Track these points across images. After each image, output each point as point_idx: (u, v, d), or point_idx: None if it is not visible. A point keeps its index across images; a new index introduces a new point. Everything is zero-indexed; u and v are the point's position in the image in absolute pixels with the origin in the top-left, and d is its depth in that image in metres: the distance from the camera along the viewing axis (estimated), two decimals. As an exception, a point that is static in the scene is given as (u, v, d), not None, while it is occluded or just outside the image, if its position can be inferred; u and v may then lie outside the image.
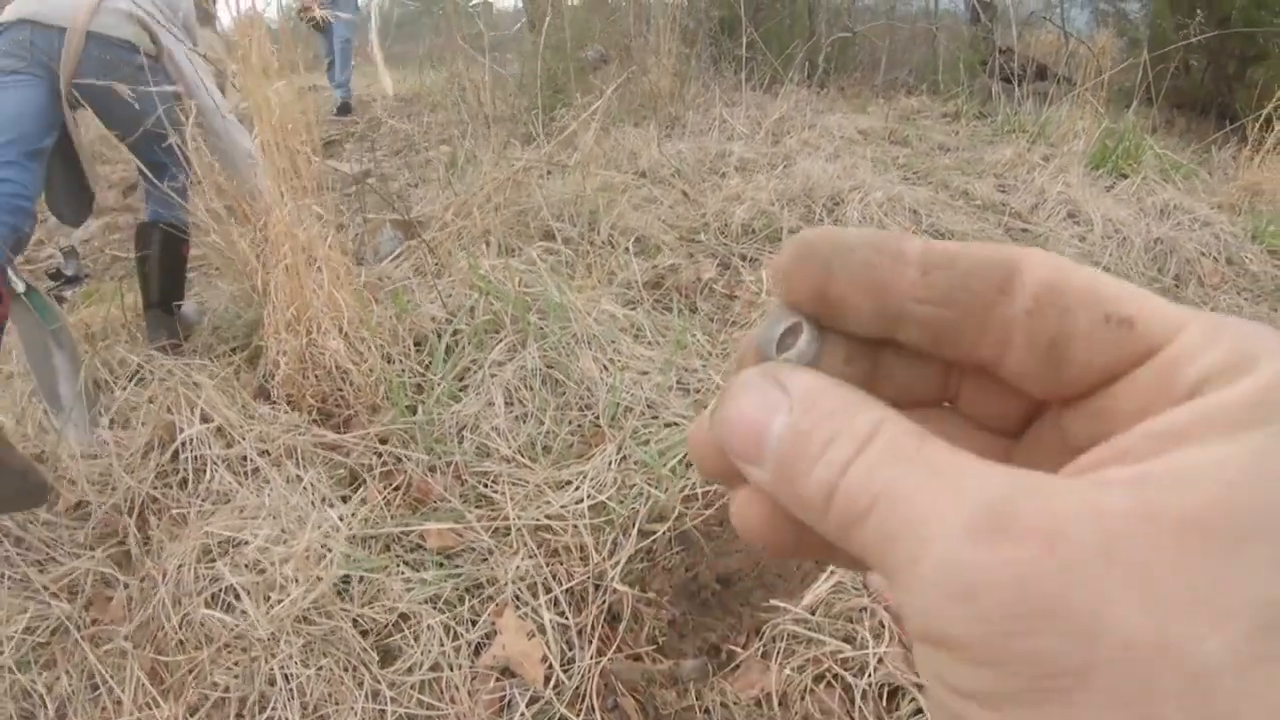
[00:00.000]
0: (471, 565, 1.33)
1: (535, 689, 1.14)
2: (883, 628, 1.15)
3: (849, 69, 5.44)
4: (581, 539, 1.34)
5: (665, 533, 1.37)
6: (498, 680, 1.16)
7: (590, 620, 1.23)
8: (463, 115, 3.27)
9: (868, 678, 1.09)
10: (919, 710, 1.06)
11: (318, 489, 1.47)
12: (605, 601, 1.26)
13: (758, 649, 1.18)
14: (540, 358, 1.73)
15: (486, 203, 2.31)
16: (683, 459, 1.50)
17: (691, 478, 1.47)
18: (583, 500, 1.41)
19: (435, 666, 1.18)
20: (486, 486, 1.49)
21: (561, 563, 1.31)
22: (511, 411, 1.65)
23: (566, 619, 1.23)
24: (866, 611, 1.17)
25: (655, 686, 1.16)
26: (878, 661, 1.10)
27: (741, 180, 2.95)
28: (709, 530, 1.41)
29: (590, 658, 1.18)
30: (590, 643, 1.20)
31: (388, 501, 1.46)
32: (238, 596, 1.25)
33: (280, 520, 1.38)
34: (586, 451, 1.56)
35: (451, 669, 1.17)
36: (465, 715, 1.12)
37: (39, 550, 1.41)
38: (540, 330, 1.79)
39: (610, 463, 1.49)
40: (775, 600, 1.23)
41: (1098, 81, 3.85)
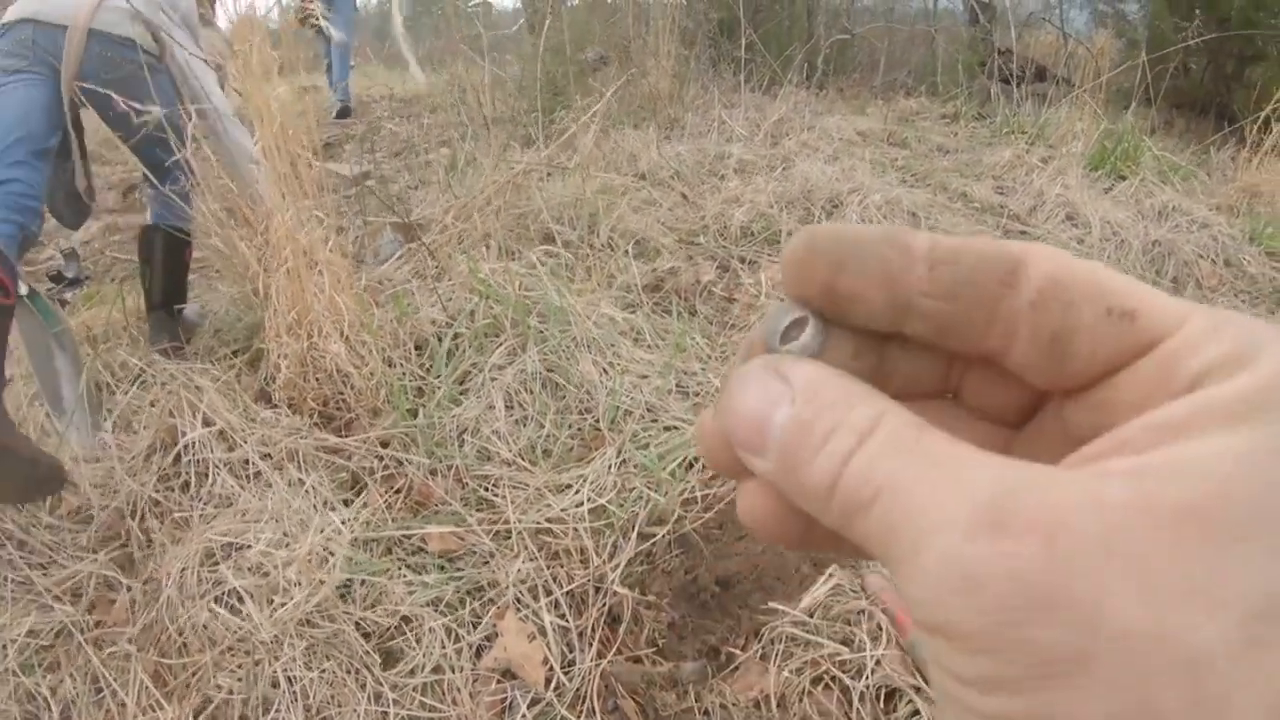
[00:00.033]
0: (473, 568, 1.34)
1: (536, 691, 1.15)
2: (880, 630, 1.16)
3: (848, 70, 5.43)
4: (582, 542, 1.35)
5: (665, 536, 1.38)
6: (499, 682, 1.17)
7: (591, 623, 1.24)
8: (462, 117, 3.27)
9: (865, 680, 1.10)
10: (916, 712, 1.07)
11: (319, 492, 1.48)
12: (605, 604, 1.27)
13: (756, 651, 1.19)
14: (540, 361, 1.74)
15: (486, 206, 2.32)
16: (682, 462, 1.51)
17: (690, 481, 1.48)
18: (583, 503, 1.42)
19: (437, 669, 1.19)
20: (487, 490, 1.50)
21: (562, 565, 1.32)
22: (512, 415, 1.66)
23: (567, 621, 1.24)
24: (864, 614, 1.18)
25: (655, 688, 1.17)
26: (875, 664, 1.11)
27: (740, 182, 2.95)
28: (708, 533, 1.42)
29: (591, 660, 1.19)
30: (591, 645, 1.21)
31: (389, 505, 1.47)
32: (241, 599, 1.26)
33: (282, 524, 1.39)
34: (586, 455, 1.57)
35: (453, 671, 1.18)
36: (467, 717, 1.13)
37: (42, 553, 1.41)
38: (540, 334, 1.80)
39: (610, 466, 1.50)
40: (774, 603, 1.24)
41: (1096, 83, 3.84)
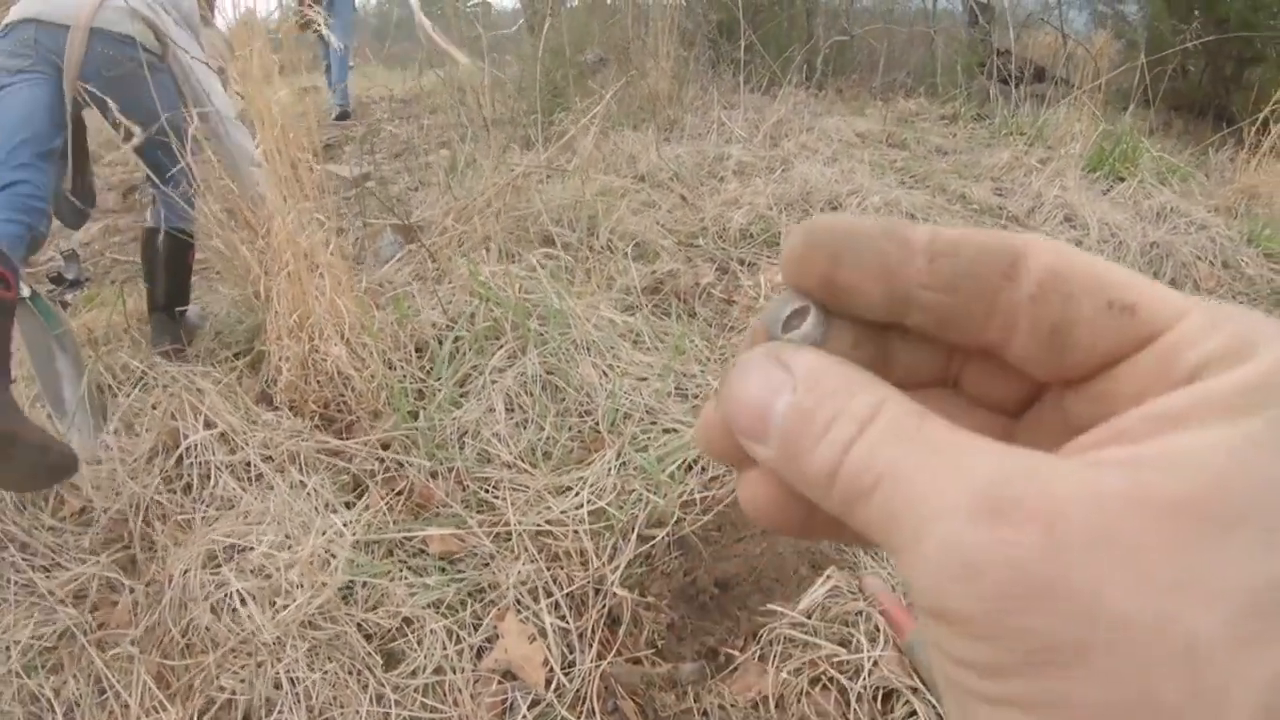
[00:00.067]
0: (473, 570, 1.35)
1: (536, 692, 1.16)
2: (878, 632, 1.16)
3: (847, 71, 5.44)
4: (582, 544, 1.36)
5: (664, 538, 1.39)
6: (500, 683, 1.18)
7: (590, 624, 1.25)
8: (462, 119, 3.27)
9: (863, 681, 1.11)
10: (913, 713, 1.08)
11: (321, 495, 1.49)
12: (605, 605, 1.27)
13: (755, 652, 1.20)
14: (540, 364, 1.74)
15: (486, 208, 2.32)
16: (681, 465, 1.52)
17: (690, 483, 1.49)
18: (583, 506, 1.43)
19: (438, 670, 1.20)
20: (488, 492, 1.50)
21: (562, 567, 1.33)
22: (512, 418, 1.66)
23: (567, 623, 1.25)
24: (862, 615, 1.19)
25: (654, 689, 1.17)
26: (873, 665, 1.12)
27: (739, 184, 2.96)
28: (707, 535, 1.43)
29: (590, 661, 1.20)
30: (590, 646, 1.22)
31: (390, 507, 1.47)
32: (243, 601, 1.27)
33: (284, 526, 1.40)
34: (586, 457, 1.58)
35: (454, 672, 1.19)
36: (468, 718, 1.14)
37: (44, 555, 1.42)
38: (540, 336, 1.81)
39: (610, 468, 1.51)
40: (772, 604, 1.25)
41: (1095, 84, 3.85)
